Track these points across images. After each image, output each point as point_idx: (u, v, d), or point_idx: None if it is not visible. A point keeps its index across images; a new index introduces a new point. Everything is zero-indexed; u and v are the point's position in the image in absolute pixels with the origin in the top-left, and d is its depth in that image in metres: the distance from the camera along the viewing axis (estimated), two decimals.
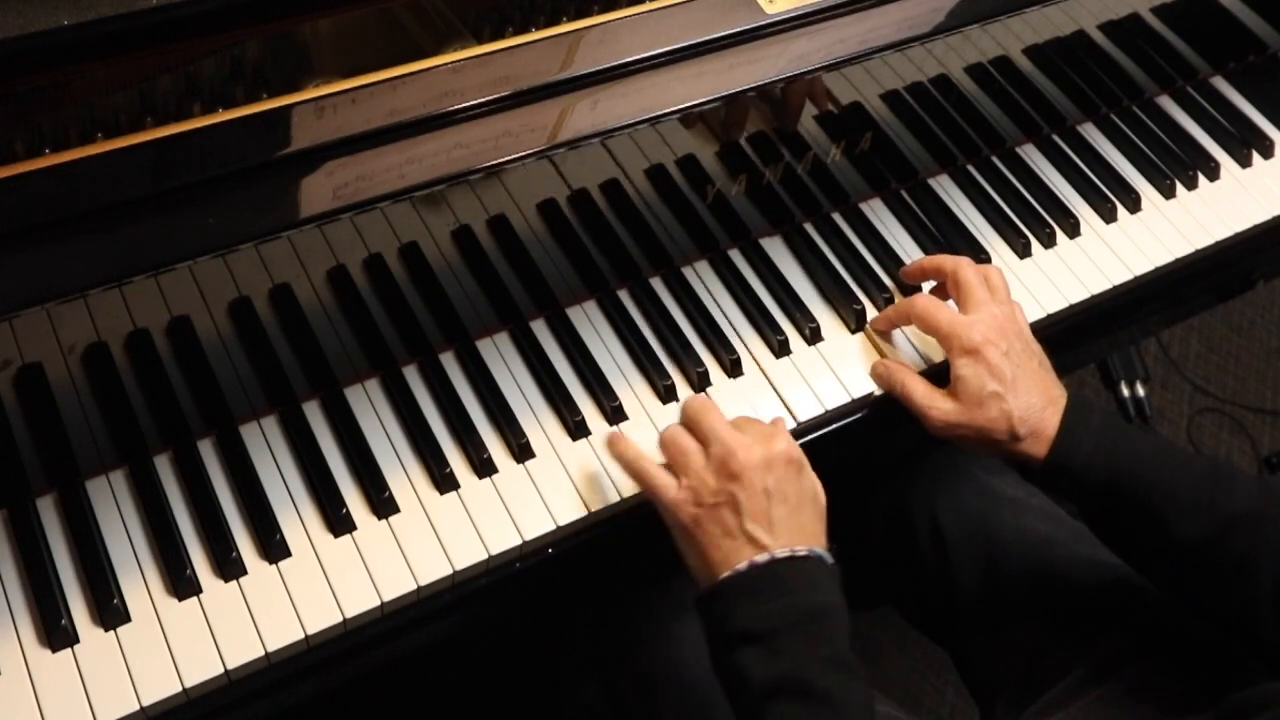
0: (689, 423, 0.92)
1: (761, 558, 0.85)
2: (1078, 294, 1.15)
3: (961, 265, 1.04)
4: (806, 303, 1.09)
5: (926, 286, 1.12)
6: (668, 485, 0.89)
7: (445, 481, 0.94)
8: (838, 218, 1.16)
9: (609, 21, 0.95)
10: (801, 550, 0.86)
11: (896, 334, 1.09)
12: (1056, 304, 1.14)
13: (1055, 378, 1.00)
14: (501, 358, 1.02)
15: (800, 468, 0.90)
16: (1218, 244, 1.22)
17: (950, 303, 1.06)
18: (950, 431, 0.98)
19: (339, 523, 0.91)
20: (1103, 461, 0.94)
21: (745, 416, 0.94)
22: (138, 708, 0.81)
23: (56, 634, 0.83)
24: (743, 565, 0.85)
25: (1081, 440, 0.95)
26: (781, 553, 0.85)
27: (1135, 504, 0.94)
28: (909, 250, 1.16)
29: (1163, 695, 1.01)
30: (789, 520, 0.87)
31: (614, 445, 0.94)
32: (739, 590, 0.85)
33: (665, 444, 0.92)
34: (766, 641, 0.82)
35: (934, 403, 0.99)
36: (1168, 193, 1.25)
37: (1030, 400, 0.96)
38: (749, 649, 0.83)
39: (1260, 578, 0.91)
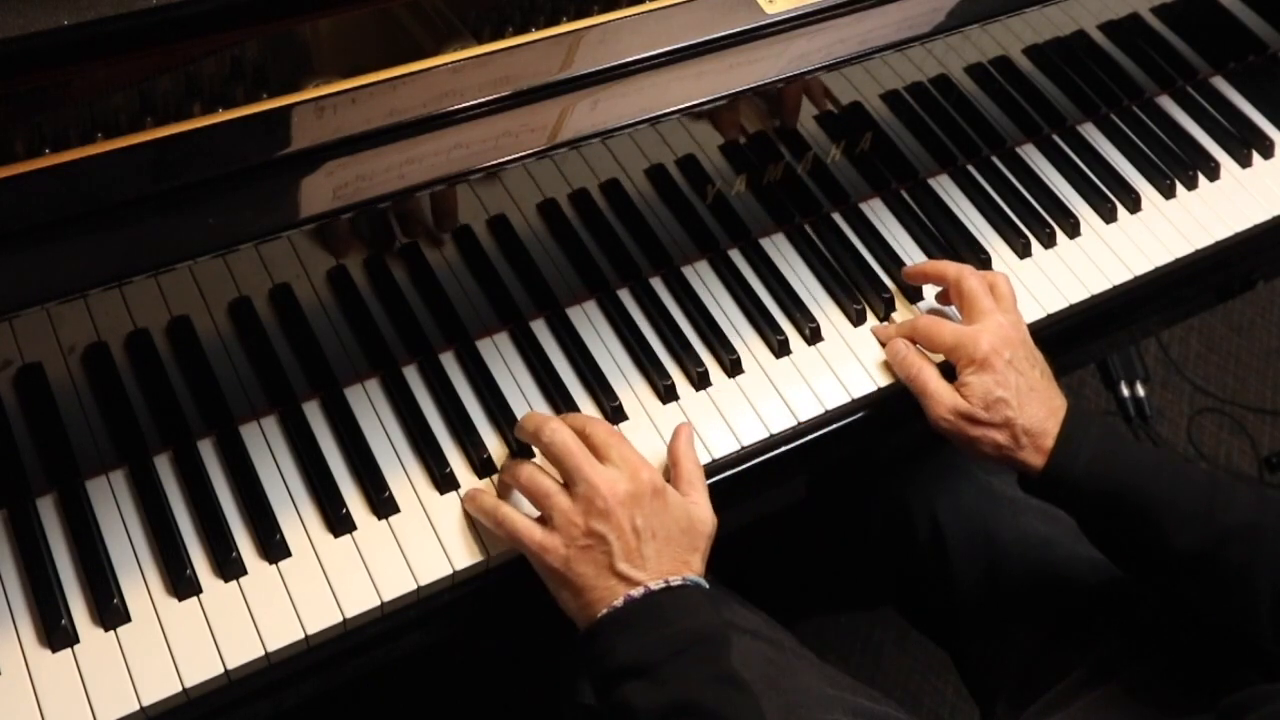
0: (549, 455, 0.90)
1: (636, 591, 0.84)
2: (1078, 294, 1.15)
3: (965, 274, 1.04)
4: (806, 303, 1.09)
5: (930, 291, 1.12)
6: (532, 531, 0.87)
7: (445, 481, 0.94)
8: (838, 218, 1.16)
9: (609, 21, 0.95)
10: (676, 580, 0.85)
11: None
12: (1056, 304, 1.14)
13: (1056, 386, 1.00)
14: (501, 358, 1.02)
15: (662, 495, 0.88)
16: (1218, 244, 1.22)
17: (952, 309, 1.06)
18: (952, 427, 0.98)
19: (339, 523, 0.91)
20: (1100, 471, 0.94)
21: (605, 433, 0.91)
22: (138, 708, 0.81)
23: (56, 634, 0.83)
24: (619, 601, 0.84)
25: (1079, 451, 0.95)
26: (656, 585, 0.84)
27: (1132, 515, 0.94)
28: (909, 250, 1.16)
29: (1162, 695, 1.01)
30: (661, 553, 0.86)
31: (470, 500, 0.92)
32: (617, 626, 0.83)
33: (525, 487, 0.90)
34: (649, 673, 0.81)
35: (943, 397, 0.99)
36: (1168, 193, 1.25)
37: (1034, 410, 0.96)
38: (632, 682, 0.81)
39: (1258, 589, 0.91)
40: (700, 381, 1.03)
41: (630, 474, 0.87)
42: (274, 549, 0.89)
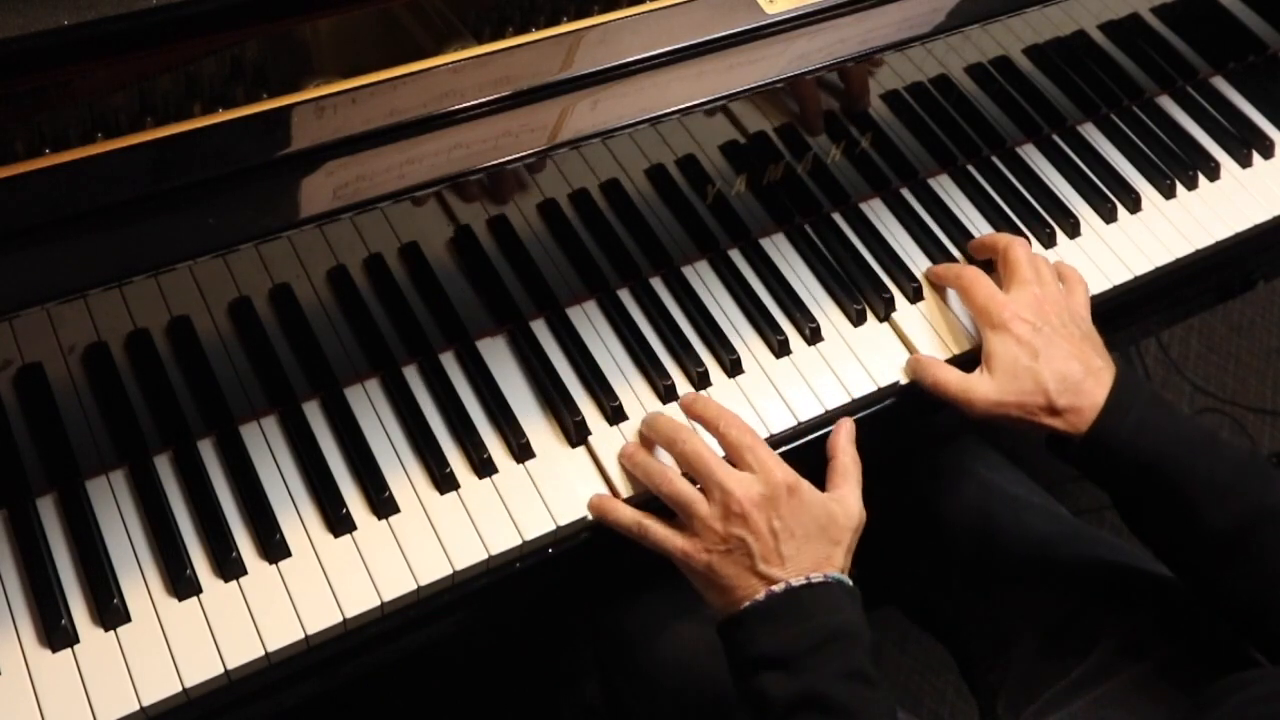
0: (683, 461, 0.93)
1: (779, 587, 0.86)
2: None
3: (1014, 244, 1.08)
4: (806, 303, 1.09)
5: (930, 292, 1.12)
6: (674, 539, 0.90)
7: (445, 481, 0.94)
8: (838, 218, 1.16)
9: (609, 21, 0.95)
10: (817, 577, 0.87)
11: (922, 322, 1.09)
12: None
13: (1103, 352, 1.00)
14: (501, 358, 1.02)
15: (797, 493, 0.90)
16: (1218, 244, 1.22)
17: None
18: (992, 412, 0.98)
19: (339, 523, 0.91)
20: (1142, 439, 0.94)
21: (737, 434, 0.93)
22: (138, 708, 0.82)
23: (56, 634, 0.83)
24: (761, 595, 0.86)
25: (1125, 416, 0.95)
26: (797, 581, 0.87)
27: (1169, 487, 0.93)
28: (909, 250, 1.15)
29: (1161, 695, 1.01)
30: (800, 552, 0.88)
31: (609, 512, 0.94)
32: (759, 618, 0.86)
33: (667, 496, 0.92)
34: (786, 664, 0.84)
35: (970, 386, 0.99)
36: (1168, 193, 1.25)
37: (1066, 369, 0.97)
38: (769, 672, 0.84)
39: None
40: (700, 381, 1.03)
41: (764, 476, 0.90)
42: (274, 549, 0.89)
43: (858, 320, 1.09)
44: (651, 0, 0.97)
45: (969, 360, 1.06)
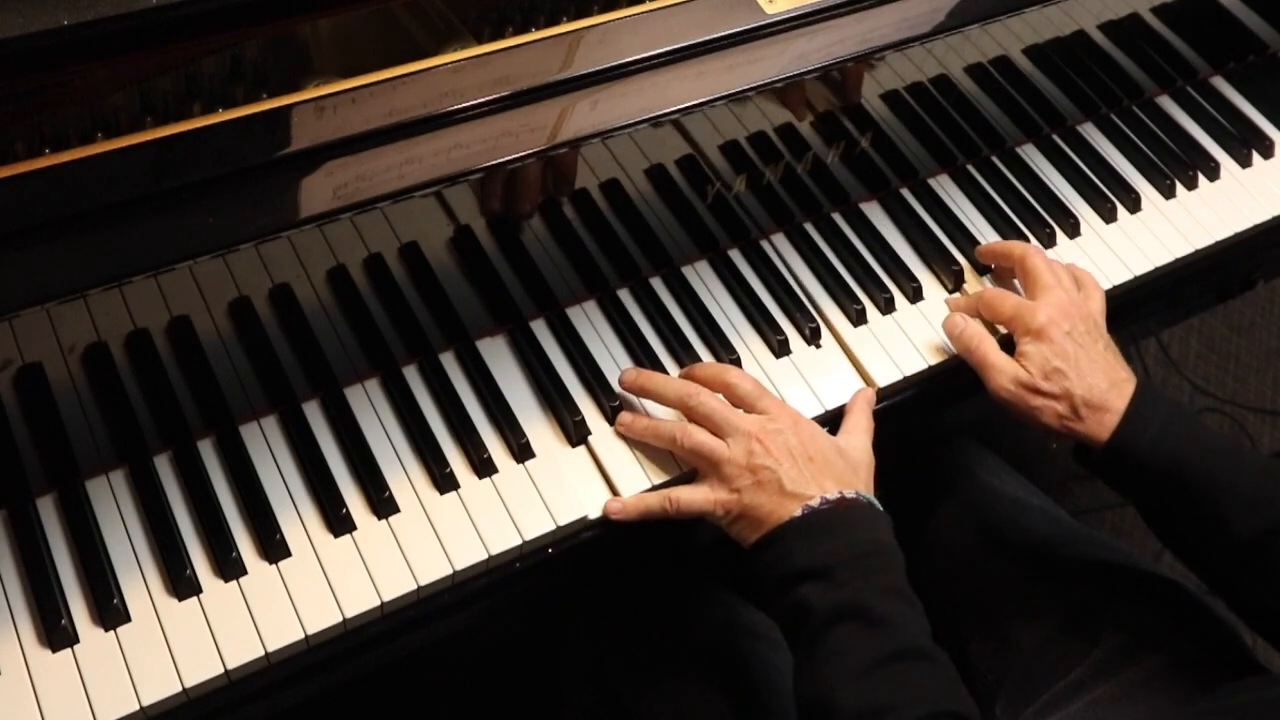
0: (697, 417, 0.95)
1: (814, 502, 0.88)
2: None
3: (1029, 252, 1.08)
4: (806, 303, 1.09)
5: (930, 292, 1.12)
6: (706, 495, 0.92)
7: (445, 481, 0.94)
8: (837, 218, 1.16)
9: (609, 21, 0.95)
10: (850, 493, 0.90)
11: (923, 322, 1.10)
12: None
13: (1123, 362, 1.02)
14: (501, 358, 1.02)
15: (806, 423, 0.95)
16: (1218, 244, 1.22)
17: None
18: (1012, 397, 1.00)
19: (339, 523, 0.91)
20: (1166, 448, 0.95)
21: (747, 386, 0.97)
22: (138, 708, 0.81)
23: (56, 634, 0.83)
24: (798, 511, 0.88)
25: (1147, 425, 0.96)
26: (832, 495, 0.89)
27: (1194, 495, 0.94)
28: (909, 250, 1.15)
29: (1162, 695, 1.01)
30: (822, 472, 0.91)
31: (634, 507, 0.95)
32: (796, 533, 0.88)
33: (693, 450, 0.94)
34: (826, 575, 0.86)
35: (1004, 367, 1.01)
36: (1168, 193, 1.25)
37: (1094, 380, 0.98)
38: (810, 583, 0.86)
39: None
40: None
41: (774, 413, 0.95)
42: (274, 549, 0.89)
43: (858, 320, 1.09)
44: (651, 0, 0.97)
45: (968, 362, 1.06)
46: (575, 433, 0.98)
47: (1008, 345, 1.04)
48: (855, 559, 0.86)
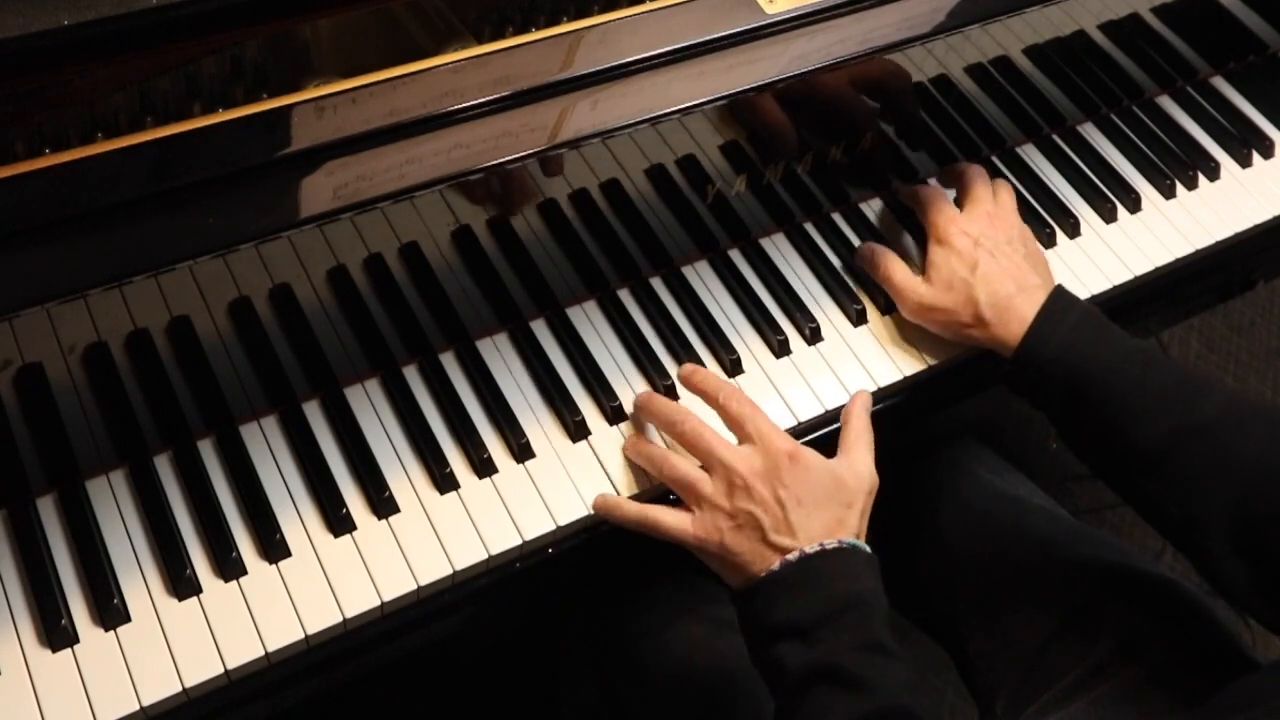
0: (683, 442, 0.94)
1: (793, 556, 0.86)
2: (1078, 294, 1.15)
3: (972, 167, 1.12)
4: (806, 303, 1.09)
5: None
6: (683, 525, 0.90)
7: (445, 481, 0.94)
8: (838, 218, 1.16)
9: (609, 21, 0.95)
10: (831, 544, 0.87)
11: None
12: None
13: (1045, 271, 1.04)
14: (501, 358, 1.02)
15: (799, 460, 0.90)
16: (1218, 244, 1.22)
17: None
18: (922, 314, 1.04)
19: (339, 523, 0.91)
20: (1070, 357, 0.95)
21: (736, 408, 0.94)
22: (138, 708, 0.82)
23: (56, 634, 0.83)
24: (775, 565, 0.87)
25: (1052, 333, 0.96)
26: (811, 549, 0.87)
27: (1094, 403, 0.94)
28: (910, 250, 1.15)
29: (1162, 695, 1.01)
30: (810, 518, 0.88)
31: (614, 510, 0.94)
32: (774, 587, 0.86)
33: (670, 478, 0.93)
34: (801, 634, 0.84)
35: (910, 285, 1.04)
36: (1168, 193, 1.25)
37: (997, 287, 1.00)
38: (785, 642, 0.84)
39: (1214, 493, 0.90)
40: None
41: (764, 447, 0.90)
42: (274, 549, 0.89)
43: (858, 320, 1.09)
44: (651, 0, 0.97)
45: (968, 361, 1.06)
46: (575, 433, 0.99)
47: None
48: (830, 615, 0.84)
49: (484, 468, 0.96)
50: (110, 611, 0.85)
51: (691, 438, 0.93)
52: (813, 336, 1.08)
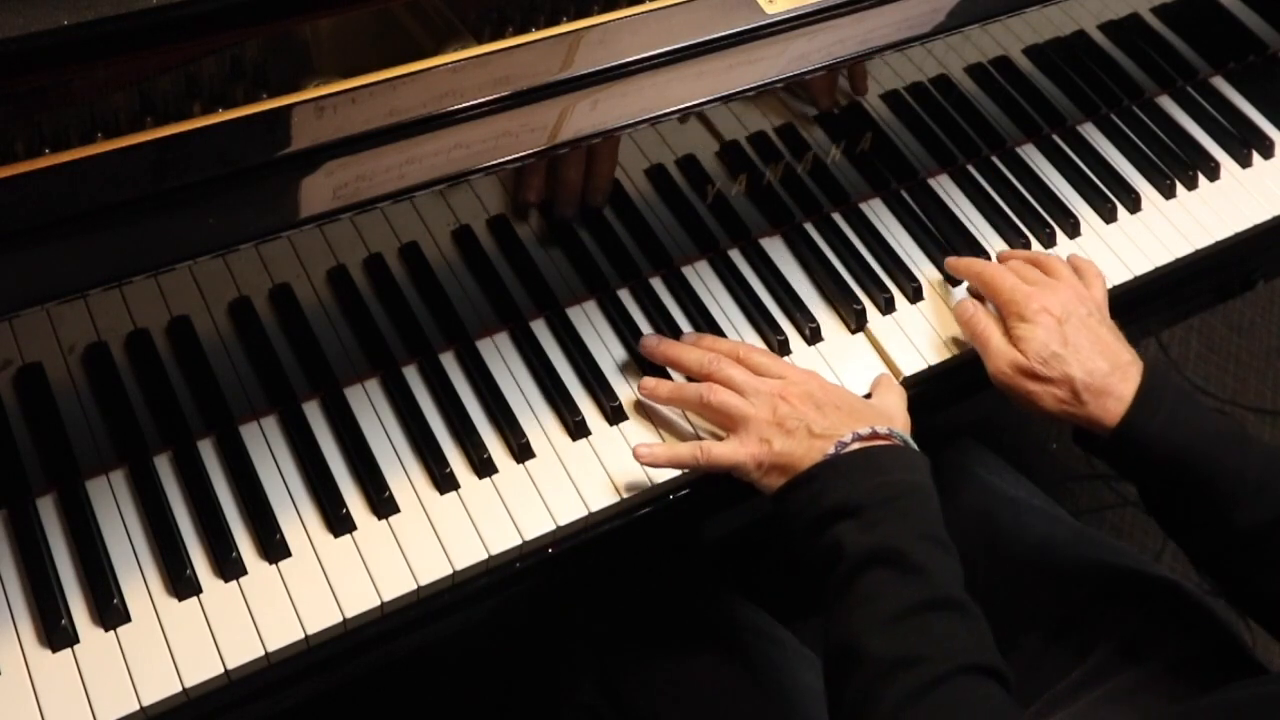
0: (718, 379, 0.96)
1: (846, 438, 0.88)
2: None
3: (1038, 254, 1.11)
4: (806, 303, 1.09)
5: (929, 291, 1.12)
6: (736, 448, 0.93)
7: (445, 481, 0.94)
8: (838, 218, 1.16)
9: (609, 21, 0.95)
10: (883, 429, 0.90)
11: (922, 322, 1.10)
12: None
13: (1127, 346, 1.01)
14: (501, 358, 1.02)
15: (822, 379, 0.96)
16: (1218, 244, 1.22)
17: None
18: (1010, 381, 1.00)
19: (339, 523, 0.91)
20: (1173, 435, 0.94)
21: (759, 356, 0.98)
22: (138, 708, 0.82)
23: (56, 634, 0.83)
24: (830, 449, 0.88)
25: (1155, 411, 0.95)
26: (864, 430, 0.89)
27: (1199, 482, 0.94)
28: (909, 250, 1.16)
29: (1162, 695, 1.01)
30: (852, 415, 0.92)
31: (663, 456, 0.95)
32: (829, 470, 0.88)
33: (717, 406, 0.94)
34: (861, 515, 0.85)
35: (1004, 352, 1.00)
36: (1168, 193, 1.25)
37: (1094, 365, 0.97)
38: (844, 522, 0.85)
39: None
40: None
41: (795, 375, 0.96)
42: (274, 549, 0.89)
43: (858, 320, 1.09)
44: (651, 0, 0.97)
45: (968, 361, 1.06)
46: (575, 432, 0.99)
47: None
48: (890, 499, 0.85)
49: (484, 468, 0.96)
50: (110, 611, 0.85)
51: (726, 375, 0.96)
52: (813, 336, 1.08)
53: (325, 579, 0.89)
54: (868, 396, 1.01)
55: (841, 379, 1.05)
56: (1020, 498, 1.19)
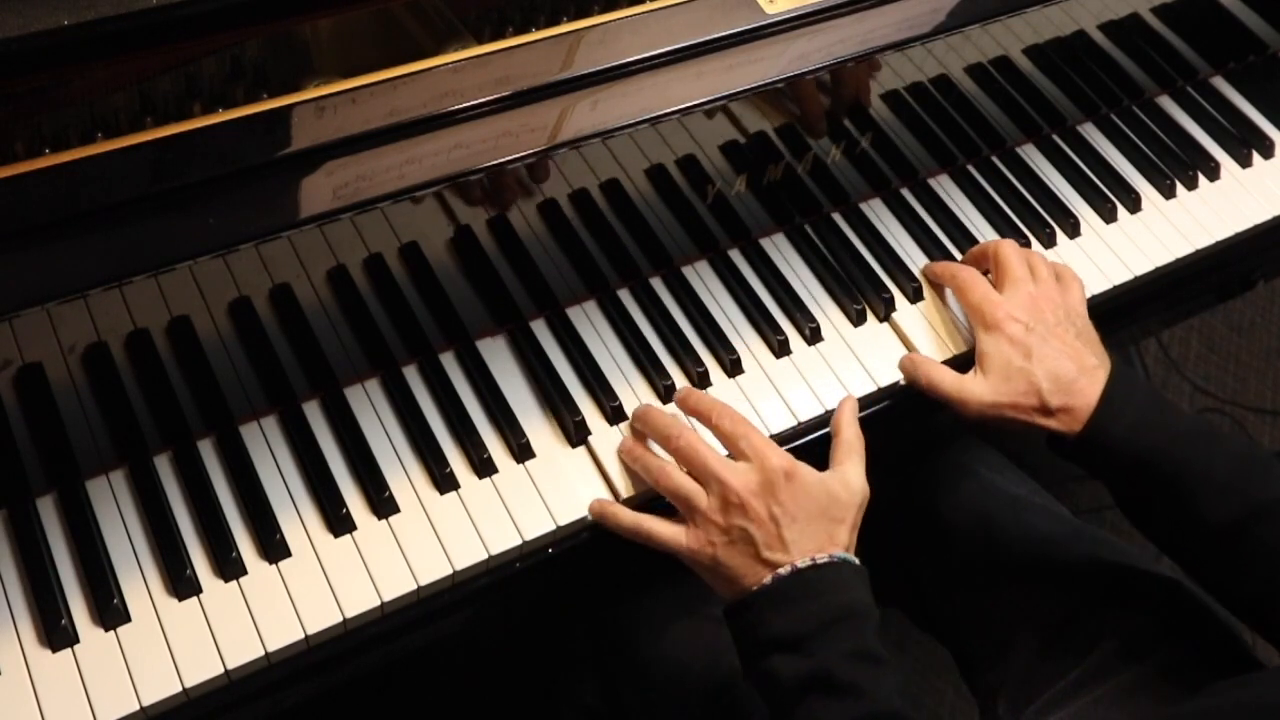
0: (678, 456, 0.93)
1: (784, 570, 0.87)
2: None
3: (1002, 244, 1.08)
4: (806, 303, 1.09)
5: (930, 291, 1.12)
6: (678, 536, 0.91)
7: (445, 481, 0.94)
8: (838, 218, 1.16)
9: (609, 21, 0.95)
10: (822, 557, 0.88)
11: (922, 322, 1.10)
12: None
13: (1098, 349, 1.01)
14: (501, 358, 1.02)
15: (794, 477, 0.90)
16: (1218, 244, 1.22)
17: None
18: (986, 413, 0.99)
19: (339, 523, 0.91)
20: (1139, 437, 0.94)
21: (730, 424, 0.94)
22: (138, 708, 0.82)
23: (56, 634, 0.83)
24: (767, 580, 0.87)
25: (1120, 414, 0.95)
26: (803, 563, 0.87)
27: (1166, 482, 0.94)
28: (909, 250, 1.16)
29: (1161, 696, 1.01)
30: (804, 534, 0.89)
31: (609, 517, 0.94)
32: (766, 600, 0.87)
33: (667, 491, 0.93)
34: (794, 645, 0.85)
35: (964, 387, 1.00)
36: (1168, 193, 1.25)
37: (1059, 369, 0.97)
38: (778, 654, 0.85)
39: None
40: (700, 381, 1.03)
41: (760, 464, 0.90)
42: (274, 549, 0.89)
43: (858, 320, 1.09)
44: (651, 0, 0.97)
45: (968, 361, 1.06)
46: (575, 433, 0.98)
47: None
48: (822, 626, 0.85)
49: (484, 468, 0.96)
50: (110, 611, 0.85)
51: (688, 452, 0.92)
52: (813, 336, 1.08)
53: (325, 579, 0.89)
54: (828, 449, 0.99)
55: (842, 379, 1.05)
56: (1021, 495, 1.19)
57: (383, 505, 0.92)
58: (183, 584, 0.87)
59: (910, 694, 1.71)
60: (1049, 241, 1.19)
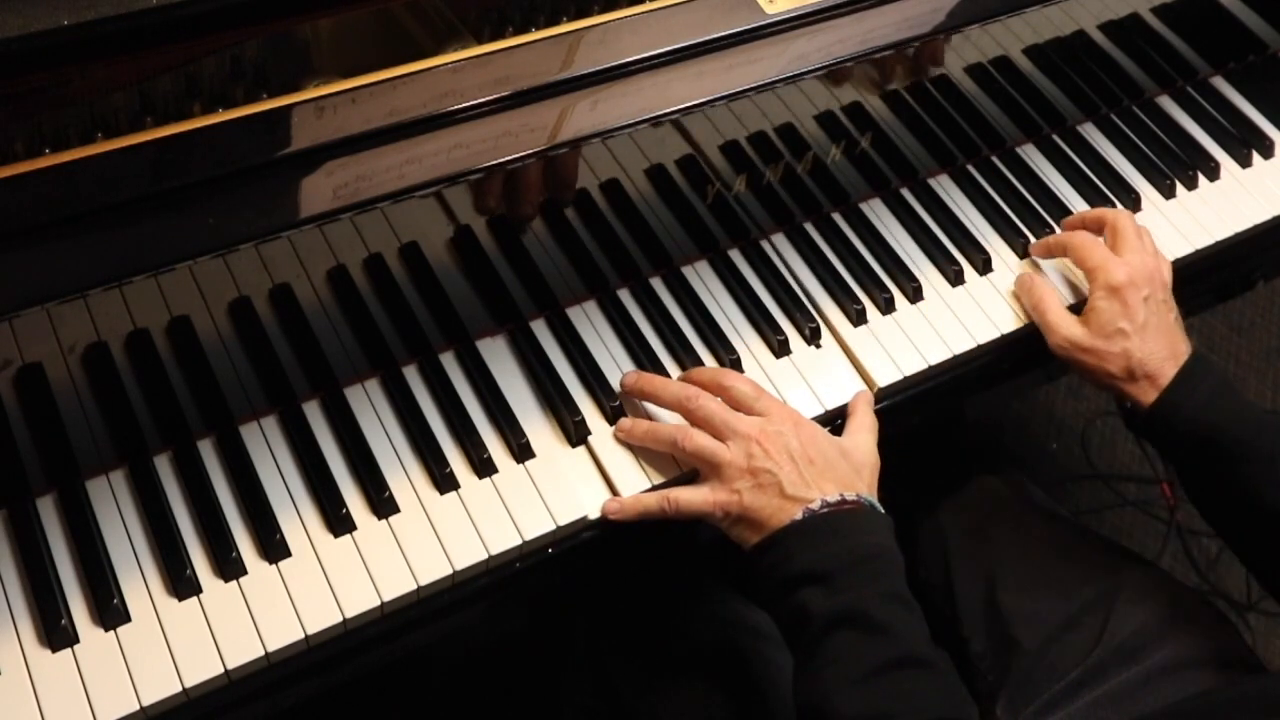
0: (696, 419, 0.95)
1: (815, 505, 0.89)
2: (1078, 294, 1.15)
3: (1121, 214, 1.12)
4: (806, 303, 1.09)
5: (928, 292, 1.12)
6: (705, 496, 0.92)
7: (445, 481, 0.94)
8: (838, 218, 1.16)
9: (609, 21, 0.95)
10: (851, 496, 0.90)
11: (923, 322, 1.11)
12: None
13: (1185, 336, 1.05)
14: (501, 358, 1.02)
15: (805, 425, 0.94)
16: (1218, 244, 1.22)
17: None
18: (1068, 354, 1.03)
19: (339, 523, 0.91)
20: (1207, 415, 0.98)
21: (744, 388, 0.97)
22: (138, 708, 0.82)
23: (56, 634, 0.83)
24: (798, 514, 0.88)
25: (1193, 391, 0.99)
26: (833, 498, 0.89)
27: (1229, 464, 0.97)
28: (909, 250, 1.16)
29: (1161, 696, 1.01)
30: (823, 475, 0.91)
31: (632, 508, 0.95)
32: (796, 536, 0.88)
33: (691, 452, 0.94)
34: (825, 580, 0.86)
35: (1064, 322, 1.04)
36: (1168, 193, 1.25)
37: (1155, 347, 1.01)
38: (809, 588, 0.86)
39: None
40: None
41: (774, 414, 0.94)
42: (274, 549, 0.89)
43: (857, 320, 1.09)
44: (651, 0, 0.97)
45: (968, 360, 1.07)
46: (575, 433, 0.99)
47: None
48: (854, 564, 0.86)
49: (484, 468, 0.96)
50: (110, 611, 0.85)
51: (704, 412, 0.95)
52: (813, 336, 1.08)
53: (325, 579, 0.89)
54: (842, 424, 1.01)
55: (842, 379, 1.05)
56: (1021, 496, 1.19)
57: (383, 505, 0.92)
58: (183, 584, 0.87)
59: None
60: None
